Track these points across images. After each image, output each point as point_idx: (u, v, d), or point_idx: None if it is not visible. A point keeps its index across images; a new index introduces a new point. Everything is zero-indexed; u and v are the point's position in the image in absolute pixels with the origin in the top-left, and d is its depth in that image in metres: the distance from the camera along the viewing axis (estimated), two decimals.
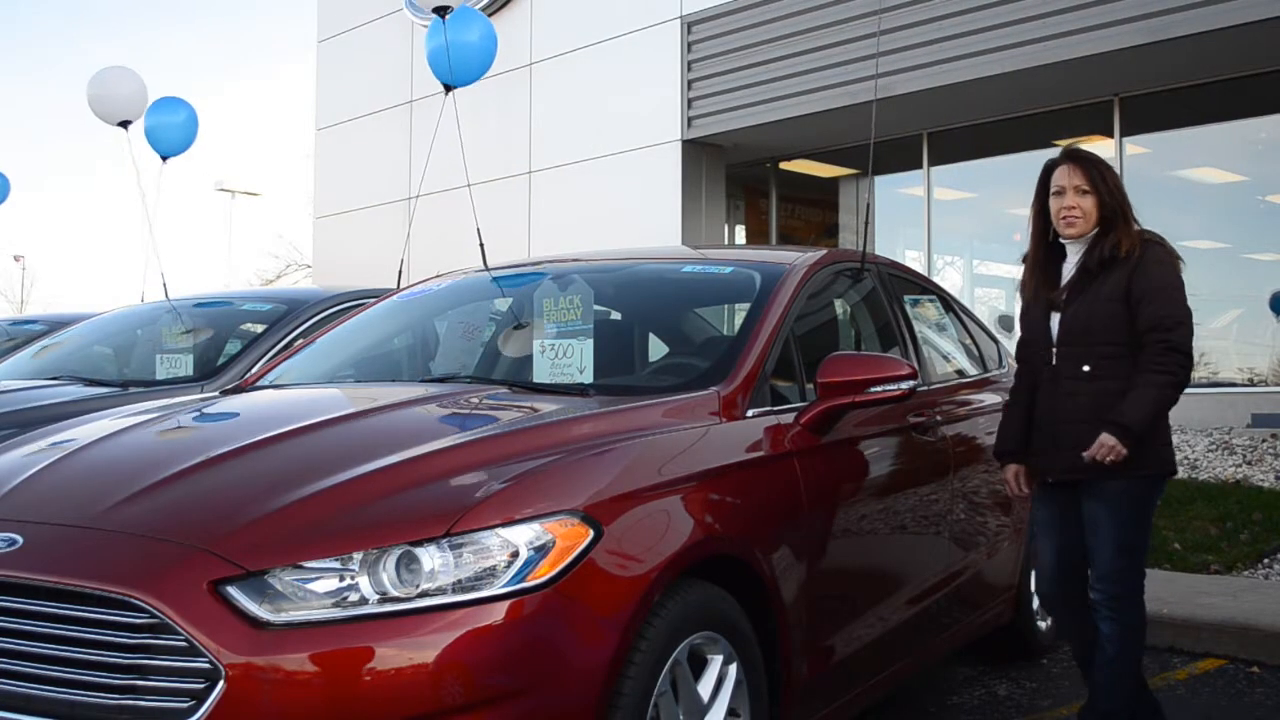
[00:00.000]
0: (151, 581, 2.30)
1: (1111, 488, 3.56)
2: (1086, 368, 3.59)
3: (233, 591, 2.29)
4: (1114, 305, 3.56)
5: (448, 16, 6.27)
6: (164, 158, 7.86)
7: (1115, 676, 3.60)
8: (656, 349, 4.16)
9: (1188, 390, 3.64)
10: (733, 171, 13.29)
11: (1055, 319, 3.68)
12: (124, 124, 7.51)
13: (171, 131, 7.90)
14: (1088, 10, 9.65)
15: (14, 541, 2.46)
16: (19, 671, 2.34)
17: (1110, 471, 3.51)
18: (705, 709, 2.69)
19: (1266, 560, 6.50)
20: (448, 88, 6.62)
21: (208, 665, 2.23)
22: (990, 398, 4.83)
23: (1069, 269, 3.71)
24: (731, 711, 2.77)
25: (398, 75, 15.06)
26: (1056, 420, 3.65)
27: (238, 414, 3.39)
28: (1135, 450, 3.49)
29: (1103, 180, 3.63)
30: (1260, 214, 11.27)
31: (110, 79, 7.54)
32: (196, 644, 2.23)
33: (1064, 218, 3.66)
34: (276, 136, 57.69)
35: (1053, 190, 3.69)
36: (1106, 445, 3.46)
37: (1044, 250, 3.77)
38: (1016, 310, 3.99)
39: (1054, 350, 3.67)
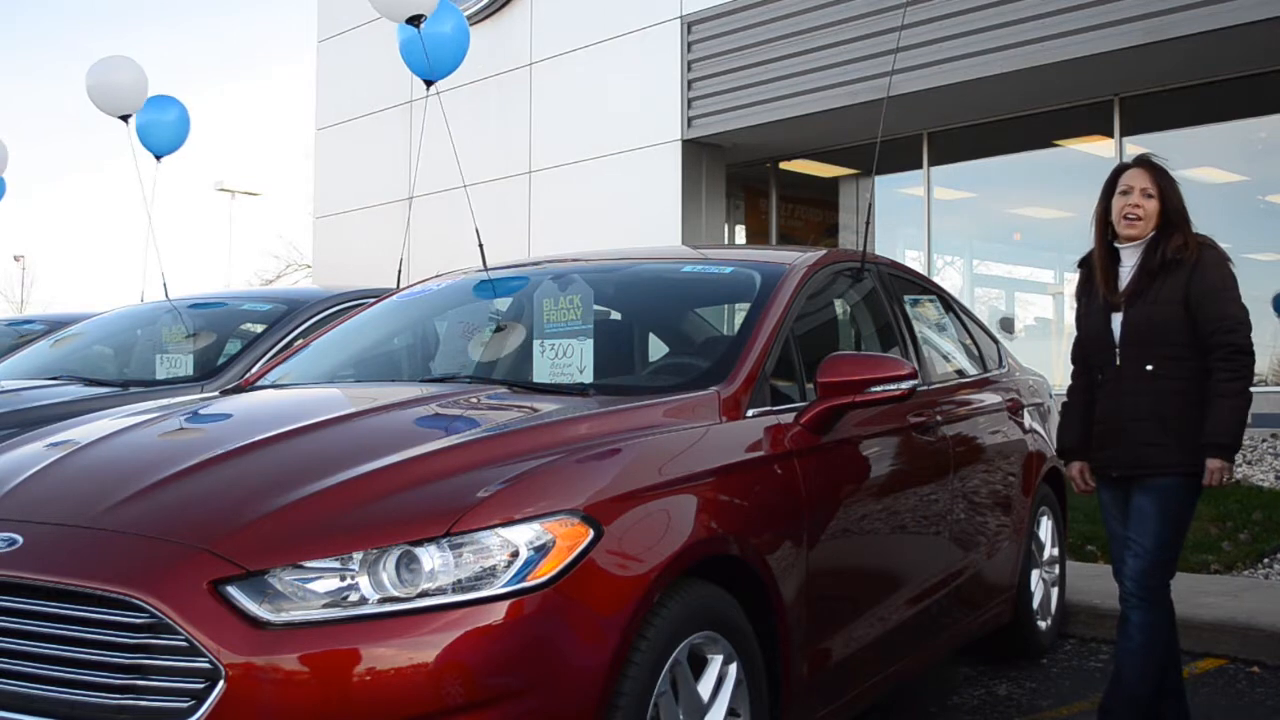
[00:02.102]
0: (152, 581, 2.30)
1: (1163, 484, 3.72)
2: (1149, 367, 3.73)
3: (233, 591, 2.29)
4: (1174, 307, 3.71)
5: (422, 25, 6.24)
6: (158, 157, 7.78)
7: (1144, 664, 3.76)
8: (656, 349, 4.15)
9: None
10: (733, 171, 13.28)
11: (1117, 320, 3.81)
12: (125, 118, 7.44)
13: (163, 130, 7.79)
14: (1088, 10, 9.64)
15: (14, 541, 2.46)
16: (19, 671, 2.34)
17: (1166, 468, 3.69)
18: (705, 709, 2.69)
19: (1266, 560, 6.51)
20: (428, 83, 6.58)
21: (208, 665, 2.23)
22: (990, 398, 4.83)
23: (1125, 272, 3.84)
24: (731, 711, 2.76)
25: (398, 75, 14.93)
26: (1120, 418, 3.79)
27: (237, 414, 3.39)
28: (1185, 448, 3.66)
29: (1170, 187, 3.81)
30: (1260, 214, 11.26)
31: (109, 68, 7.41)
32: (196, 644, 2.23)
33: (1126, 215, 3.80)
34: (276, 136, 57.71)
35: (1120, 189, 3.83)
36: (1214, 469, 3.65)
37: (1106, 254, 3.89)
38: (1070, 313, 4.09)
39: (1117, 351, 3.80)
